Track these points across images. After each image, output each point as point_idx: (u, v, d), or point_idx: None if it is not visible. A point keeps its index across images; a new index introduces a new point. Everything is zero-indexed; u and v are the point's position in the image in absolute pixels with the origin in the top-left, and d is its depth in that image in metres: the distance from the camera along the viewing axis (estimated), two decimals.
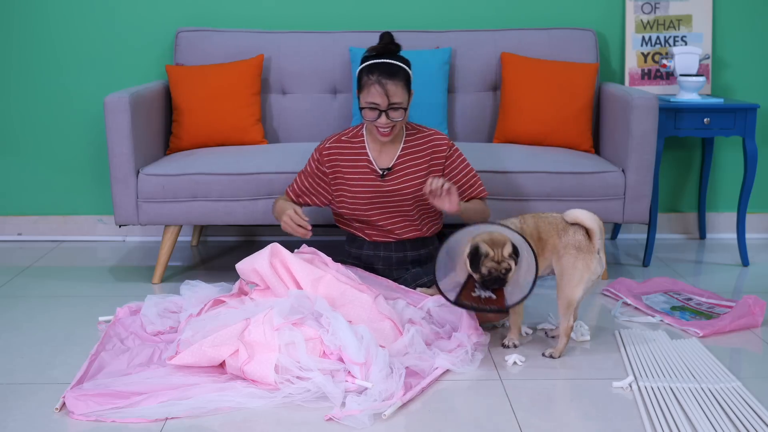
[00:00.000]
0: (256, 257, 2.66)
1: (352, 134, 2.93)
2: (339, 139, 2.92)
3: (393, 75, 2.74)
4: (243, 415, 2.23)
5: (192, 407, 2.23)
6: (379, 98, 2.73)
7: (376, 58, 2.78)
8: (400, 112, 2.77)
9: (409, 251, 2.94)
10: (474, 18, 3.88)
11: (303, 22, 3.87)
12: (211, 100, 3.55)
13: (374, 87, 2.73)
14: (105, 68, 3.89)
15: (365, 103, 2.76)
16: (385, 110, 2.75)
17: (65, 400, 2.25)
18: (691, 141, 3.99)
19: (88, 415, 2.19)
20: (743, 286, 3.37)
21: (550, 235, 2.62)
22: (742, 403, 2.27)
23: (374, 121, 2.77)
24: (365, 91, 2.76)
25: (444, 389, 2.39)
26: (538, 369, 2.54)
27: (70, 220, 4.01)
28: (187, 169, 3.26)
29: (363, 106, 2.77)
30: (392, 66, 2.76)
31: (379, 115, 2.76)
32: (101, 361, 2.50)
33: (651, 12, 3.87)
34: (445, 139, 2.92)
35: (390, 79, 2.73)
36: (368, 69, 2.76)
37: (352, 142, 2.91)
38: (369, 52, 2.82)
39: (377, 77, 2.73)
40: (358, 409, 2.20)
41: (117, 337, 2.68)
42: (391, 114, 2.76)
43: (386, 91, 2.73)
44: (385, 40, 2.82)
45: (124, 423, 2.18)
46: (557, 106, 3.55)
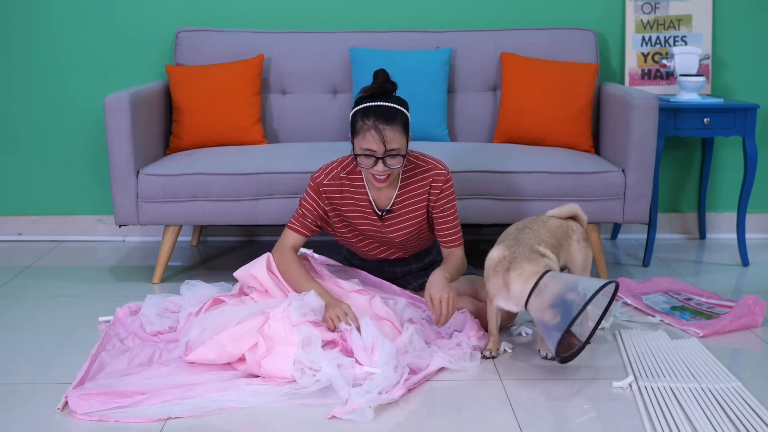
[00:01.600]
0: (254, 265, 2.66)
1: (350, 169, 2.69)
2: (337, 174, 2.69)
3: (390, 119, 2.51)
4: (245, 413, 2.23)
5: (195, 407, 2.23)
6: (376, 145, 2.50)
7: (371, 100, 2.55)
8: (398, 159, 2.54)
9: (413, 264, 2.92)
10: (474, 18, 3.88)
11: (303, 22, 3.87)
12: (211, 100, 3.55)
13: (370, 133, 2.50)
14: (105, 68, 3.89)
15: (360, 149, 2.53)
16: (382, 157, 2.52)
17: (67, 400, 2.25)
18: (691, 141, 3.99)
19: (91, 415, 2.19)
20: (743, 286, 3.37)
21: (565, 237, 2.67)
22: (742, 403, 2.27)
23: (370, 168, 2.55)
24: (360, 136, 2.52)
25: (444, 389, 2.39)
26: (538, 369, 2.54)
27: (70, 220, 4.01)
28: (187, 169, 3.26)
29: (358, 153, 2.54)
30: (390, 109, 2.52)
31: (375, 163, 2.53)
32: (101, 361, 2.50)
33: (651, 12, 3.87)
34: (443, 175, 2.69)
35: (387, 123, 2.50)
36: (363, 112, 2.53)
37: (351, 179, 2.69)
38: (363, 93, 2.58)
39: (373, 122, 2.50)
40: (362, 401, 2.20)
41: (117, 337, 2.68)
42: (388, 161, 2.53)
43: (383, 137, 2.49)
44: (380, 79, 2.58)
45: (126, 423, 2.17)
46: (557, 106, 3.55)
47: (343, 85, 3.75)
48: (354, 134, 2.56)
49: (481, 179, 3.22)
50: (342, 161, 2.72)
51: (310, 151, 3.40)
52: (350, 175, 2.70)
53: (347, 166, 2.70)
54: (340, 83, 3.75)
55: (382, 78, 2.59)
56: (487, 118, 3.76)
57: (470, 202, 3.20)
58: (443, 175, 2.69)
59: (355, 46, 3.71)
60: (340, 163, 2.71)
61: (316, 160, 3.27)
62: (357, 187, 2.70)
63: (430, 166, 2.70)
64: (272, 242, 3.77)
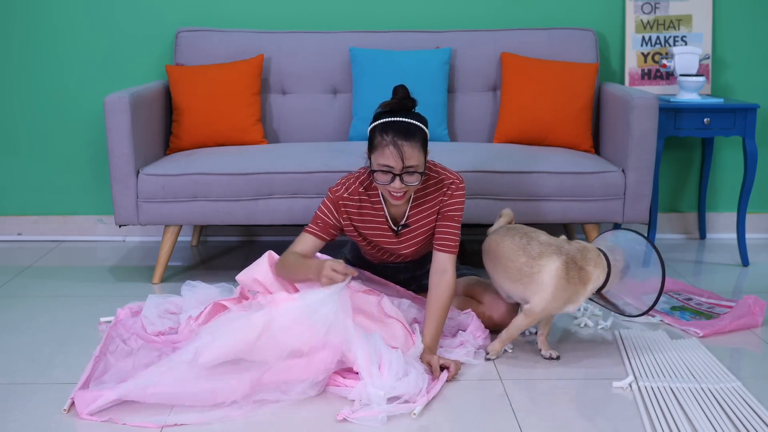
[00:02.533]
0: (255, 267, 2.63)
1: (367, 184, 2.63)
2: (356, 190, 2.63)
3: (410, 136, 2.45)
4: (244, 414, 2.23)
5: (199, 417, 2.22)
6: (394, 161, 2.44)
7: (390, 116, 2.49)
8: (415, 176, 2.48)
9: (417, 271, 2.92)
10: (474, 18, 3.88)
11: (303, 22, 3.87)
12: (211, 100, 3.55)
13: (388, 149, 2.44)
14: (105, 68, 3.89)
15: (378, 165, 2.47)
16: (400, 174, 2.46)
17: (73, 400, 2.24)
18: (691, 141, 3.99)
19: (99, 415, 2.19)
20: (743, 286, 3.37)
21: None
22: (742, 403, 2.27)
23: (387, 185, 2.49)
24: (378, 152, 2.46)
25: (444, 389, 2.39)
26: (538, 369, 2.54)
27: (70, 220, 4.01)
28: (187, 169, 3.26)
29: (375, 169, 2.49)
30: (409, 126, 2.47)
31: (392, 179, 2.47)
32: (106, 362, 2.49)
33: (651, 12, 3.87)
34: (455, 182, 2.63)
35: (406, 140, 2.44)
36: (382, 128, 2.47)
37: (369, 195, 2.64)
38: (382, 108, 2.53)
39: (392, 138, 2.44)
40: (377, 410, 2.20)
41: (119, 338, 2.68)
42: (405, 178, 2.47)
43: (402, 154, 2.43)
44: (399, 95, 2.53)
45: (134, 426, 2.17)
46: (557, 106, 3.55)
47: (343, 85, 3.75)
48: (372, 150, 2.50)
49: (481, 179, 3.22)
50: (359, 176, 2.66)
51: (310, 151, 3.40)
52: (368, 191, 2.64)
53: (364, 181, 2.65)
54: (340, 83, 3.75)
55: (401, 93, 2.55)
56: (487, 118, 3.76)
57: (470, 202, 3.20)
58: (456, 183, 2.64)
59: (355, 46, 3.71)
60: (357, 178, 2.65)
61: (316, 160, 3.27)
62: (374, 203, 2.65)
63: (443, 176, 2.64)
64: (272, 242, 3.79)
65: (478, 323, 2.68)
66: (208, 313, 2.65)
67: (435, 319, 2.53)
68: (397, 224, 2.68)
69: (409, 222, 2.67)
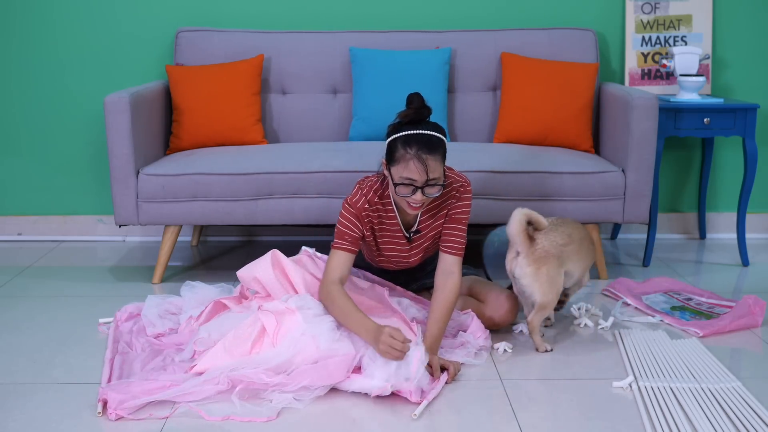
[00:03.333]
0: (257, 264, 2.62)
1: (380, 193, 2.60)
2: (372, 199, 2.58)
3: (433, 149, 2.42)
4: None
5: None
6: (418, 175, 2.41)
7: (412, 128, 2.45)
8: (437, 188, 2.47)
9: (417, 273, 2.91)
10: (474, 18, 3.88)
11: (303, 22, 3.87)
12: (211, 100, 3.55)
13: (413, 162, 2.40)
14: (105, 68, 3.89)
15: (400, 178, 2.43)
16: (422, 187, 2.44)
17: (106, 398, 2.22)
18: (691, 141, 3.99)
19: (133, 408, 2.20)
20: (743, 286, 3.37)
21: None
22: (742, 403, 2.27)
23: (408, 196, 2.46)
24: (401, 165, 2.42)
25: (444, 389, 2.39)
26: (538, 369, 2.54)
27: (70, 220, 4.01)
28: (187, 169, 3.26)
29: (397, 182, 2.45)
30: (432, 138, 2.44)
31: (414, 192, 2.45)
32: (120, 364, 2.49)
33: (651, 12, 3.87)
34: (464, 185, 2.62)
35: (430, 153, 2.41)
36: (405, 141, 2.42)
37: (384, 203, 2.61)
38: (401, 118, 2.49)
39: (416, 151, 2.40)
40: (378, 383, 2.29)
41: (122, 340, 2.68)
42: (427, 191, 2.45)
43: (426, 168, 2.41)
44: (415, 104, 2.49)
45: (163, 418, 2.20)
46: (557, 106, 3.55)
47: (343, 85, 3.75)
48: (393, 162, 2.46)
49: (481, 179, 3.22)
50: (372, 185, 2.61)
51: (310, 151, 3.40)
52: (382, 199, 2.61)
53: (378, 189, 2.61)
54: (340, 83, 3.75)
55: (417, 103, 2.50)
56: (487, 118, 3.76)
57: None
58: (464, 185, 2.63)
59: (355, 46, 3.71)
60: (371, 188, 2.60)
61: (316, 160, 3.27)
62: (388, 211, 2.63)
63: (451, 179, 2.61)
64: (272, 242, 3.79)
65: (479, 323, 2.69)
66: (209, 312, 2.66)
67: (438, 321, 2.53)
68: (409, 230, 2.67)
69: (421, 228, 2.65)
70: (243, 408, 2.24)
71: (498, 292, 2.77)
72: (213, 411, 2.23)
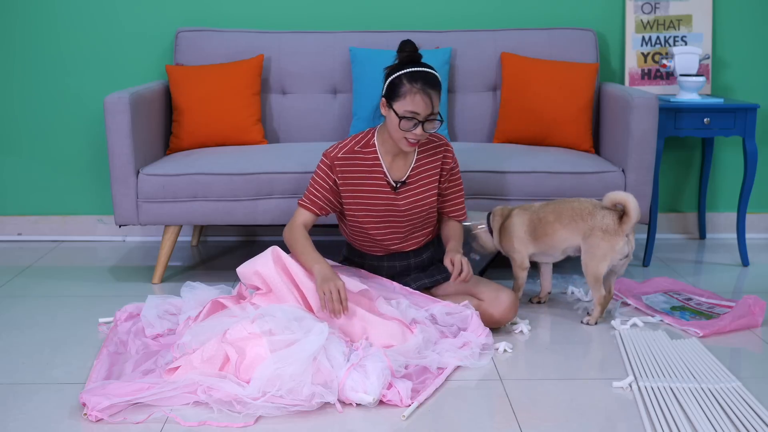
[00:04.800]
0: (258, 260, 2.62)
1: (364, 143, 2.76)
2: (352, 149, 2.75)
3: (435, 84, 2.63)
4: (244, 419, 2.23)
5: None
6: (423, 107, 2.59)
7: (414, 66, 2.64)
8: (435, 123, 2.65)
9: (412, 259, 2.92)
10: (474, 18, 3.88)
11: (303, 22, 3.87)
12: (211, 100, 3.55)
13: (419, 95, 2.59)
14: (105, 68, 3.89)
15: (404, 111, 2.60)
16: (423, 121, 2.61)
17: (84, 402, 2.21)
18: (691, 141, 3.99)
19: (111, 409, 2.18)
20: (743, 286, 3.37)
21: (573, 218, 2.87)
22: (742, 403, 2.27)
23: (409, 131, 2.62)
24: (407, 98, 2.59)
25: (444, 389, 2.39)
26: (538, 369, 2.54)
27: (70, 220, 4.01)
28: (187, 169, 3.26)
29: (401, 115, 2.60)
30: (434, 76, 2.65)
31: (415, 125, 2.61)
32: (110, 365, 2.49)
33: (651, 12, 3.87)
34: (449, 146, 2.84)
35: (433, 88, 2.61)
36: (410, 77, 2.61)
37: (365, 152, 2.75)
38: (401, 58, 2.68)
39: (422, 86, 2.59)
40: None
41: (119, 341, 2.67)
42: (427, 125, 2.63)
43: (431, 101, 2.60)
44: (409, 48, 2.70)
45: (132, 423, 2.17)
46: (557, 106, 3.55)
47: (343, 85, 3.75)
48: (396, 97, 2.61)
49: (481, 179, 3.22)
50: (355, 137, 2.79)
51: (310, 151, 3.39)
52: (364, 149, 2.76)
53: (360, 141, 2.77)
54: (340, 83, 3.75)
55: (410, 47, 2.69)
56: (487, 118, 3.76)
57: (470, 203, 3.20)
58: (452, 151, 2.85)
59: (355, 46, 3.71)
60: (353, 139, 2.78)
61: (316, 160, 3.26)
62: (371, 159, 2.75)
63: (441, 141, 2.83)
64: (272, 242, 3.77)
65: (479, 322, 2.68)
66: (207, 312, 2.65)
67: (455, 237, 2.83)
68: (397, 182, 2.77)
69: (409, 180, 2.77)
70: (220, 414, 2.20)
71: (497, 289, 2.78)
72: (188, 416, 2.20)
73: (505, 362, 2.58)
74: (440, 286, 2.90)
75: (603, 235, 2.82)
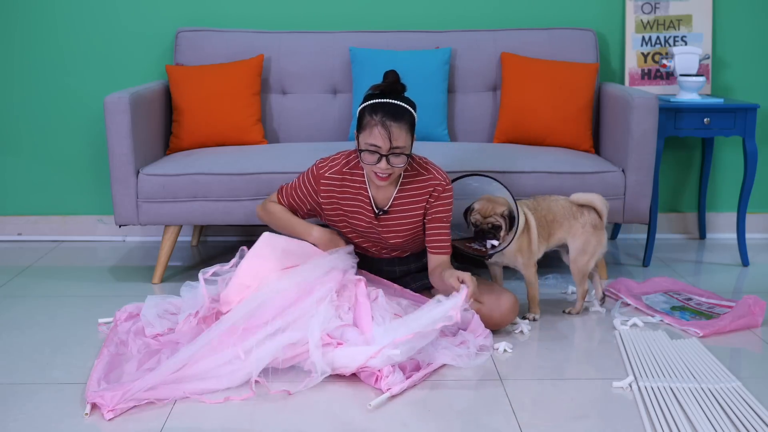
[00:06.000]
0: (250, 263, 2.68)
1: (353, 164, 2.73)
2: (340, 170, 2.73)
3: (398, 117, 2.54)
4: (243, 416, 2.23)
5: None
6: (381, 141, 2.53)
7: (381, 97, 2.58)
8: (401, 158, 2.57)
9: (412, 264, 2.92)
10: (474, 18, 3.88)
11: (303, 22, 3.87)
12: (211, 100, 3.55)
13: (377, 128, 2.52)
14: (105, 68, 3.89)
15: (365, 144, 2.56)
16: (387, 155, 2.55)
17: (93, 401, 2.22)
18: (691, 141, 3.99)
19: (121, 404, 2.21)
20: (743, 286, 3.37)
21: (566, 217, 2.92)
22: (742, 403, 2.27)
23: (373, 165, 2.57)
24: (366, 131, 2.55)
25: (444, 389, 2.39)
26: (538, 369, 2.54)
27: (70, 220, 4.01)
28: (187, 169, 3.26)
29: (362, 148, 2.58)
30: (398, 107, 2.56)
31: (378, 160, 2.56)
32: (111, 365, 2.49)
33: (651, 12, 3.87)
34: (442, 185, 2.71)
35: (395, 121, 2.53)
36: (371, 108, 2.55)
37: (353, 174, 2.73)
38: (373, 89, 2.62)
39: (381, 118, 2.53)
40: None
41: (120, 341, 2.67)
42: (392, 159, 2.56)
43: (390, 134, 2.52)
44: (390, 79, 2.62)
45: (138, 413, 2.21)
46: (557, 106, 3.55)
47: (343, 85, 3.75)
48: (360, 129, 2.59)
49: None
50: (348, 155, 2.76)
51: (310, 151, 3.40)
52: (352, 170, 2.74)
53: (350, 162, 2.74)
54: (340, 83, 3.75)
55: (392, 78, 2.62)
56: (487, 118, 3.76)
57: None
58: (442, 185, 2.72)
59: (355, 46, 3.71)
60: (345, 157, 2.76)
61: (316, 160, 3.26)
62: (358, 182, 2.73)
63: (431, 175, 2.72)
64: None
65: (479, 322, 2.68)
66: (204, 314, 2.67)
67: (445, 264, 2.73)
68: (380, 208, 2.74)
69: (392, 209, 2.73)
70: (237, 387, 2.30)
71: (498, 291, 2.78)
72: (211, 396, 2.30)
73: (505, 362, 2.58)
74: None
75: (593, 231, 2.92)
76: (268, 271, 2.62)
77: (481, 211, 2.82)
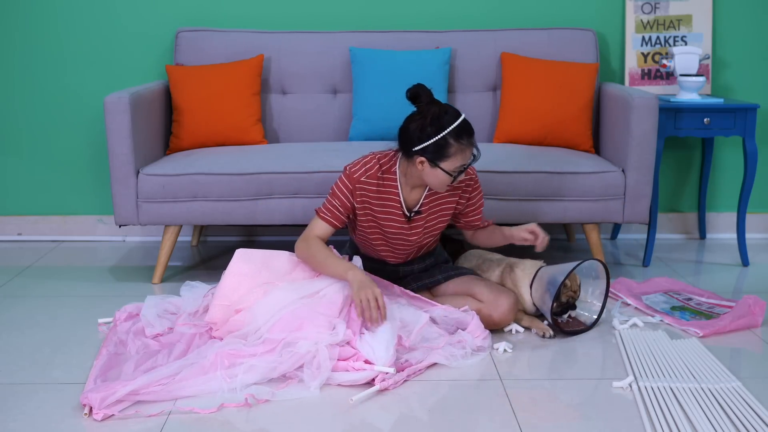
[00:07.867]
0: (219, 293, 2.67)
1: (385, 169, 2.70)
2: (375, 174, 2.69)
3: (473, 131, 2.60)
4: (244, 414, 2.23)
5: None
6: (470, 155, 2.59)
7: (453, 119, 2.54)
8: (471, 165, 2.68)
9: (416, 265, 2.93)
10: (474, 18, 3.88)
11: (303, 22, 3.87)
12: (211, 100, 3.55)
13: (469, 150, 2.56)
14: (105, 68, 3.89)
15: (455, 168, 2.57)
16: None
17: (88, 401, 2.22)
18: (691, 141, 3.99)
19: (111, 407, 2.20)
20: (743, 286, 3.37)
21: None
22: (742, 403, 2.27)
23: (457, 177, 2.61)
24: (458, 156, 2.55)
25: (444, 389, 2.39)
26: (538, 369, 2.54)
27: (70, 220, 4.01)
28: (187, 169, 3.26)
29: (452, 172, 2.57)
30: (469, 123, 2.59)
31: (462, 171, 2.61)
32: (109, 365, 2.49)
33: (651, 12, 3.87)
34: (473, 177, 2.78)
35: (473, 135, 2.59)
36: (456, 135, 2.53)
37: (385, 180, 2.70)
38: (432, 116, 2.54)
39: (467, 140, 2.55)
40: None
41: (119, 341, 2.67)
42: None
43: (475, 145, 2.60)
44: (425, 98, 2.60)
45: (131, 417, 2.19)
46: (557, 106, 3.55)
47: (343, 85, 3.75)
48: (444, 158, 2.54)
49: (482, 179, 3.21)
50: (380, 158, 2.71)
51: (310, 151, 3.40)
52: (385, 175, 2.71)
53: (384, 165, 2.71)
54: (340, 83, 3.75)
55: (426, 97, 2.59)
56: (487, 118, 3.76)
57: None
58: (474, 178, 2.79)
59: (355, 46, 3.71)
60: (378, 161, 2.71)
61: (316, 160, 3.27)
62: (390, 187, 2.71)
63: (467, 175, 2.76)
64: (272, 242, 3.79)
65: (478, 323, 2.69)
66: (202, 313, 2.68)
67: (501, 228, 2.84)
68: (410, 210, 2.74)
69: (423, 209, 2.74)
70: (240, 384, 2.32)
71: (497, 291, 2.78)
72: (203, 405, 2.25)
73: (505, 362, 2.58)
74: (440, 286, 2.90)
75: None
76: (248, 289, 2.62)
77: (571, 287, 2.83)
